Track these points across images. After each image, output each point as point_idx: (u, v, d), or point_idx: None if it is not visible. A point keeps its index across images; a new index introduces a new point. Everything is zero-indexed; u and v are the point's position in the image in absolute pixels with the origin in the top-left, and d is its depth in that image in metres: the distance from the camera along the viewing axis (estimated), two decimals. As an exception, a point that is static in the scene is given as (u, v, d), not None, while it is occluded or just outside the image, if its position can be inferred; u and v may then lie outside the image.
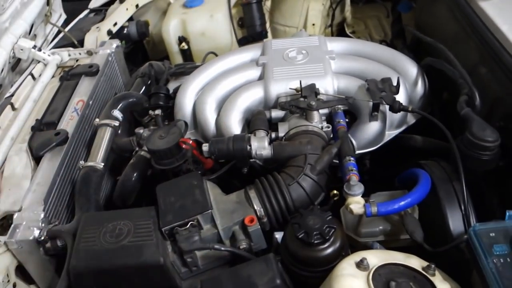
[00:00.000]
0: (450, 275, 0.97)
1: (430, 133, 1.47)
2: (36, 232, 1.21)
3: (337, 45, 1.60)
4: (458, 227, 1.11)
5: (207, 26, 2.21)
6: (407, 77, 1.48)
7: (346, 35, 2.34)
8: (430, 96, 1.52)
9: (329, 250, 1.04)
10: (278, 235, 1.19)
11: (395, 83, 1.34)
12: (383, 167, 1.47)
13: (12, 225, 1.23)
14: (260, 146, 1.25)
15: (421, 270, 0.94)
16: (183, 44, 2.21)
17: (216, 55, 2.04)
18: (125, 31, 2.31)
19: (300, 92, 1.33)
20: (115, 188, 1.44)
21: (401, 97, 1.36)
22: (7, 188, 1.38)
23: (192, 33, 2.21)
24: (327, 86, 1.41)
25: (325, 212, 1.07)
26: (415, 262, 0.96)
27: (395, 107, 1.30)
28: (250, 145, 1.25)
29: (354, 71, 1.48)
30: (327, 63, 1.48)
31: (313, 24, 2.27)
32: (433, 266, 0.94)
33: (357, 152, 1.36)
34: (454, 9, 1.49)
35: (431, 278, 0.93)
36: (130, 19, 2.34)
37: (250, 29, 2.25)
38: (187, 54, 2.25)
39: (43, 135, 1.50)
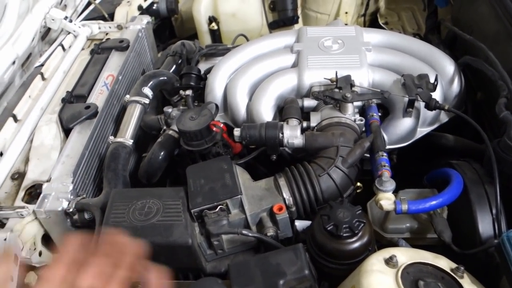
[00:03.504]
0: (477, 278, 0.96)
1: (460, 133, 1.45)
2: (65, 204, 1.22)
3: (373, 36, 1.57)
4: (488, 231, 1.10)
5: (238, 8, 2.19)
6: (444, 74, 1.46)
7: (379, 26, 2.30)
8: (465, 95, 1.50)
9: (357, 244, 1.04)
10: (298, 223, 1.20)
11: (432, 80, 1.31)
12: (411, 163, 1.45)
13: (42, 195, 1.25)
14: (293, 135, 1.24)
15: (449, 271, 0.94)
16: (213, 24, 2.19)
17: (246, 37, 2.03)
18: (154, 7, 2.29)
19: (335, 83, 1.31)
20: (139, 165, 1.45)
21: (437, 95, 1.34)
22: (36, 158, 1.40)
23: (223, 14, 2.19)
24: (362, 78, 1.39)
25: (354, 206, 1.07)
26: (444, 263, 0.96)
27: (431, 105, 1.28)
28: (282, 133, 1.24)
29: (390, 64, 1.45)
30: (363, 55, 1.45)
31: (346, 13, 2.23)
32: (462, 268, 0.93)
33: (387, 147, 1.35)
34: (497, 7, 1.45)
35: (460, 280, 0.92)
36: (161, -5, 2.32)
37: (282, 13, 2.22)
38: (216, 35, 2.24)
39: (73, 108, 1.50)
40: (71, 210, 1.22)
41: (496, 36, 1.45)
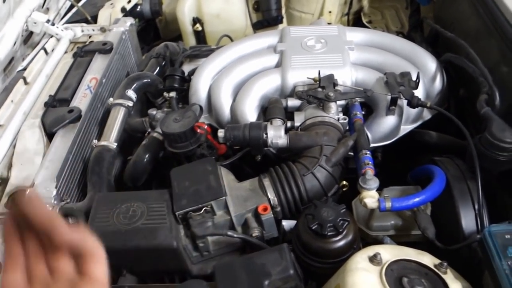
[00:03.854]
0: (461, 274, 0.97)
1: (443, 129, 1.46)
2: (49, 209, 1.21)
3: (356, 35, 1.58)
4: (471, 226, 1.11)
5: (222, 8, 2.19)
6: (426, 71, 1.47)
7: (362, 24, 2.31)
8: (447, 92, 1.51)
9: (342, 243, 1.05)
10: (286, 223, 1.20)
11: (414, 78, 1.33)
12: (395, 161, 1.47)
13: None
14: (276, 135, 1.24)
15: (433, 267, 0.95)
16: (197, 25, 2.19)
17: (231, 38, 2.03)
18: (138, 9, 2.28)
19: (318, 82, 1.32)
20: (125, 168, 1.44)
21: (419, 92, 1.35)
22: (19, 163, 1.38)
23: (207, 15, 2.19)
24: (345, 77, 1.39)
25: (339, 204, 1.07)
26: (427, 259, 0.97)
27: (413, 102, 1.29)
28: (266, 134, 1.24)
29: (373, 63, 1.46)
30: (346, 54, 1.46)
31: (330, 12, 2.24)
32: (445, 264, 0.94)
33: (371, 145, 1.35)
34: (477, 5, 1.47)
35: (443, 276, 0.93)
36: (144, -4, 2.32)
37: (266, 14, 2.22)
38: (200, 36, 2.23)
39: (56, 112, 1.49)
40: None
41: (477, 33, 1.46)
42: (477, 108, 1.20)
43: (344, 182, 1.28)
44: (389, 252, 0.97)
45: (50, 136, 1.44)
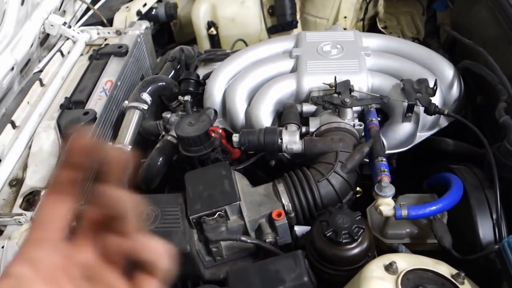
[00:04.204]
0: (478, 284, 0.96)
1: (459, 137, 1.44)
2: (63, 211, 1.22)
3: (372, 41, 1.57)
4: (488, 236, 1.10)
5: (237, 12, 2.19)
6: (443, 78, 1.45)
7: (378, 30, 2.30)
8: (465, 99, 1.49)
9: (356, 250, 1.03)
10: (298, 229, 1.19)
11: (431, 85, 1.31)
12: (410, 168, 1.45)
13: (39, 202, 1.24)
14: (291, 140, 1.24)
15: (450, 277, 0.93)
16: (212, 29, 2.19)
17: (245, 42, 2.03)
18: (153, 12, 2.30)
19: (334, 88, 1.31)
20: (138, 170, 1.44)
21: (436, 100, 1.33)
22: (34, 164, 1.39)
23: (222, 19, 2.19)
24: (361, 83, 1.38)
25: (354, 212, 1.06)
26: (444, 269, 0.95)
27: (431, 110, 1.27)
28: (281, 139, 1.24)
29: (389, 69, 1.45)
30: (362, 60, 1.45)
31: (345, 17, 2.23)
32: (462, 274, 0.93)
33: (387, 152, 1.34)
34: (496, 11, 1.45)
35: (460, 286, 0.92)
36: (159, 0, 2.33)
37: (281, 18, 2.22)
38: (215, 40, 2.24)
39: (72, 114, 1.50)
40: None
41: (496, 40, 1.44)
42: (496, 116, 1.19)
43: (358, 188, 1.27)
44: (405, 261, 0.95)
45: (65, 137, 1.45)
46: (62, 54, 1.86)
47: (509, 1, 1.40)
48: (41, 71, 1.78)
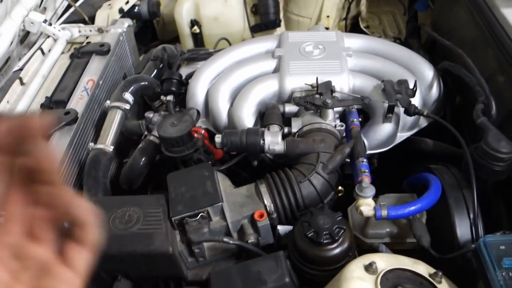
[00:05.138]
0: (455, 283, 0.98)
1: (439, 136, 1.47)
2: (44, 212, 1.21)
3: (354, 41, 1.58)
4: (465, 235, 1.12)
5: (220, 11, 2.18)
6: (423, 79, 1.47)
7: (360, 29, 2.32)
8: (444, 99, 1.52)
9: (337, 250, 1.05)
10: (281, 228, 1.20)
11: (411, 86, 1.33)
12: (391, 167, 1.47)
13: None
14: (273, 141, 1.25)
15: (428, 276, 0.95)
16: (195, 27, 2.18)
17: (228, 41, 2.03)
18: (136, 10, 2.27)
19: (315, 89, 1.32)
20: (121, 170, 1.44)
21: (416, 100, 1.35)
22: (14, 165, 1.38)
23: (205, 17, 2.18)
24: (343, 83, 1.40)
25: (335, 212, 1.08)
26: (422, 269, 0.97)
27: (410, 111, 1.29)
28: (263, 140, 1.24)
29: (370, 70, 1.46)
30: (344, 60, 1.46)
31: (328, 16, 2.25)
32: (440, 273, 0.95)
33: (368, 152, 1.36)
34: (475, 13, 1.47)
35: (438, 285, 0.94)
36: (142, -3, 2.31)
37: (264, 17, 2.22)
38: (198, 38, 2.23)
39: (53, 113, 1.48)
40: None
41: (474, 42, 1.47)
42: (474, 117, 1.21)
43: (340, 188, 1.29)
44: (385, 261, 0.97)
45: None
46: (43, 52, 1.83)
47: (487, 3, 1.42)
48: (21, 69, 1.75)
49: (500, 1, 1.38)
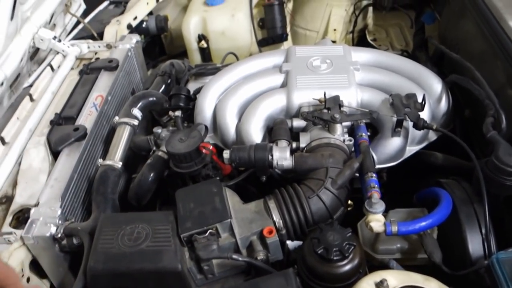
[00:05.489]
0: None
1: (449, 150, 1.46)
2: (53, 229, 1.21)
3: (361, 55, 1.58)
4: (478, 251, 1.11)
5: (227, 26, 2.20)
6: (432, 93, 1.47)
7: (367, 42, 2.32)
8: (453, 113, 1.51)
9: (348, 267, 1.04)
10: (290, 243, 1.19)
11: (420, 99, 1.32)
12: (400, 181, 1.46)
13: (29, 220, 1.23)
14: (282, 156, 1.24)
15: (440, 294, 0.94)
16: (203, 42, 2.20)
17: (236, 55, 2.04)
18: (144, 25, 2.30)
19: (323, 103, 1.32)
20: (129, 185, 1.44)
21: (425, 114, 1.35)
22: (24, 181, 1.38)
23: (212, 32, 2.20)
24: (351, 98, 1.39)
25: (344, 228, 1.07)
26: (434, 285, 0.96)
27: (419, 125, 1.28)
28: (271, 155, 1.24)
29: (378, 84, 1.46)
30: (352, 74, 1.46)
31: (335, 30, 2.25)
32: (452, 291, 0.94)
33: (377, 166, 1.35)
34: (483, 26, 1.47)
35: (450, 303, 0.93)
36: (150, 13, 2.33)
37: (271, 31, 2.23)
38: (205, 53, 2.24)
39: (62, 130, 1.49)
40: (59, 235, 1.20)
41: (482, 55, 1.46)
42: (484, 131, 1.20)
43: (349, 202, 1.28)
44: (396, 278, 0.96)
45: (55, 154, 1.44)
46: (52, 69, 1.85)
47: (495, 16, 1.42)
48: (31, 86, 1.77)
49: (507, 14, 1.38)
